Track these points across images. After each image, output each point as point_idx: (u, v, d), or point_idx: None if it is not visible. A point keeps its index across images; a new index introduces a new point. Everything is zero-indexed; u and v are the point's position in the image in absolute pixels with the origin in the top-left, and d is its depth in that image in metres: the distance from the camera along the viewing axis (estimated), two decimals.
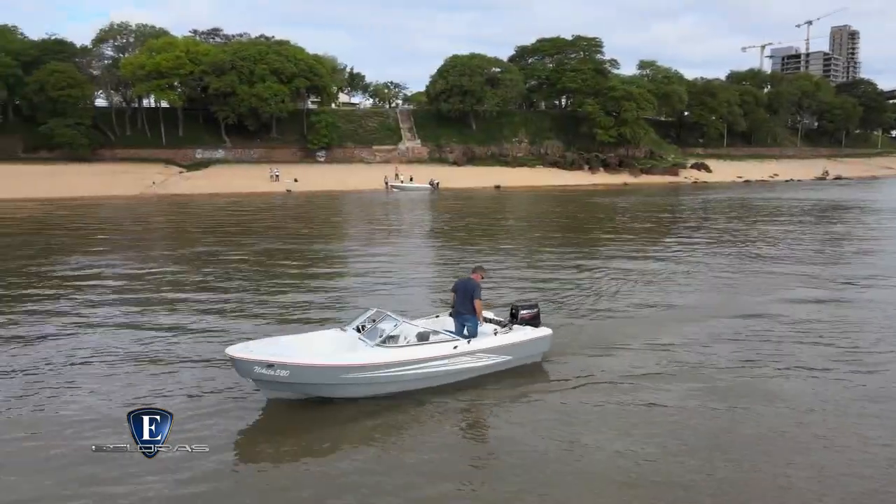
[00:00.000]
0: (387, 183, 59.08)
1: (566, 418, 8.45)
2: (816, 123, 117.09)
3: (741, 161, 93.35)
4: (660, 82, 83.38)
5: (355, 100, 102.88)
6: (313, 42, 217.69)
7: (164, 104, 70.09)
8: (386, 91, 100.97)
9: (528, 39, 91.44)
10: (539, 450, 7.57)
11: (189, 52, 65.52)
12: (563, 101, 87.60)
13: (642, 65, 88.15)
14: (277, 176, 58.69)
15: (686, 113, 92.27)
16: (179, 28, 76.70)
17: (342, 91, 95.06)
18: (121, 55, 69.63)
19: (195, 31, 78.57)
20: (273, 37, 76.21)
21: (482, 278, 10.39)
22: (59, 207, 40.89)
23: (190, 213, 39.17)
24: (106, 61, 69.77)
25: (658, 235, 27.79)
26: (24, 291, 16.19)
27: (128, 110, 70.52)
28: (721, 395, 9.17)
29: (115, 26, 71.57)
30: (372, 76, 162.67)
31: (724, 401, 8.95)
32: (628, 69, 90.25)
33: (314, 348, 9.33)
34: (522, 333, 10.30)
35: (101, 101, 72.44)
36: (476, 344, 9.78)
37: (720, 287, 16.53)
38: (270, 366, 8.55)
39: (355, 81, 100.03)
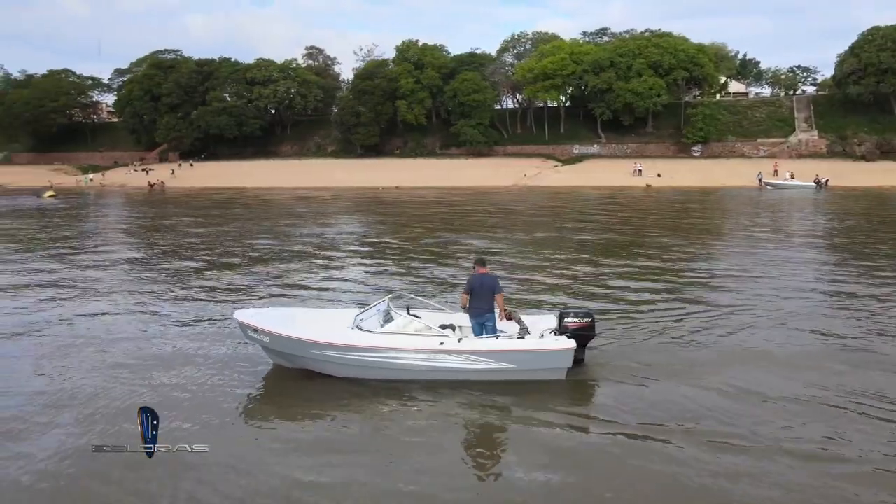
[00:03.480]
0: (760, 179, 53.37)
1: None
2: None
3: None
4: None
5: (753, 89, 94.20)
6: (721, 32, 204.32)
7: (549, 103, 76.66)
8: (783, 77, 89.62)
9: None
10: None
11: (573, 53, 70.10)
12: None
13: None
14: (640, 171, 58.68)
15: None
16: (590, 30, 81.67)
17: (733, 80, 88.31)
18: (519, 61, 78.67)
19: (584, 33, 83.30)
20: (659, 29, 75.64)
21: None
22: (447, 194, 49.38)
23: (531, 204, 42.90)
24: (507, 68, 79.68)
25: None
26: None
27: (519, 110, 79.41)
28: None
29: (515, 36, 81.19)
30: (782, 62, 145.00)
31: None
32: None
33: (305, 321, 9.65)
34: (531, 342, 9.15)
35: (508, 103, 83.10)
36: (468, 344, 9.02)
37: None
38: (255, 331, 9.40)
39: (747, 69, 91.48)
